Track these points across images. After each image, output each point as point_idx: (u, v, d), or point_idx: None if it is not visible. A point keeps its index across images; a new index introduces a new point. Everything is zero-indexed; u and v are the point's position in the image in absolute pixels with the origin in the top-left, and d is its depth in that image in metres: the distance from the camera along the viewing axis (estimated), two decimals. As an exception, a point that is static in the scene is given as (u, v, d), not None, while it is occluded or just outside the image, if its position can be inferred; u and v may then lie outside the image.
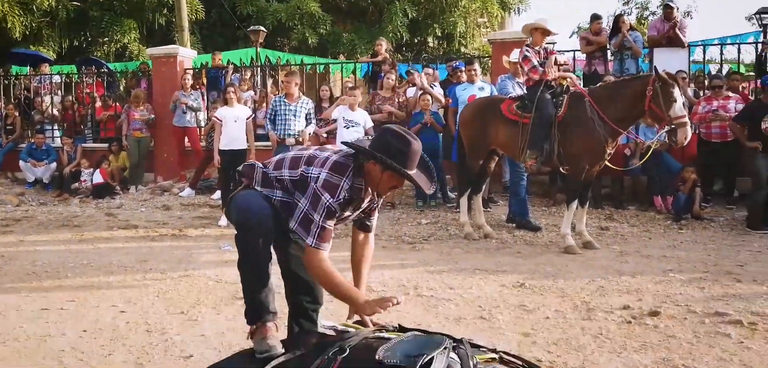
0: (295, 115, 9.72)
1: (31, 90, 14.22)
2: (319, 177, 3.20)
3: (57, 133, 13.38)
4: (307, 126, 9.88)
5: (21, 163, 12.13)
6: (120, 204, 10.87)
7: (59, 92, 13.98)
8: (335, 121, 10.77)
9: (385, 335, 3.07)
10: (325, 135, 11.06)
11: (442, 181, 10.40)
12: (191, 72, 13.02)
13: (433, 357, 2.73)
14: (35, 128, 13.22)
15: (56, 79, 14.34)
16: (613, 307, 5.53)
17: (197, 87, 12.85)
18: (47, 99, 13.56)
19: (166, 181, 12.05)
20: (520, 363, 3.07)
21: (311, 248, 3.19)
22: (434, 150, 10.01)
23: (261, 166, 3.46)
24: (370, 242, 3.70)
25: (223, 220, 9.26)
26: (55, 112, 13.42)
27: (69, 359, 4.50)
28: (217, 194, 10.87)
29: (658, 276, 6.38)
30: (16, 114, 13.29)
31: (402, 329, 3.23)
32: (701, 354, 4.51)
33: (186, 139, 12.31)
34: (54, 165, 12.19)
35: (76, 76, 14.68)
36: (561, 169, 7.84)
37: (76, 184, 12.03)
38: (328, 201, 3.15)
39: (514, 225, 8.95)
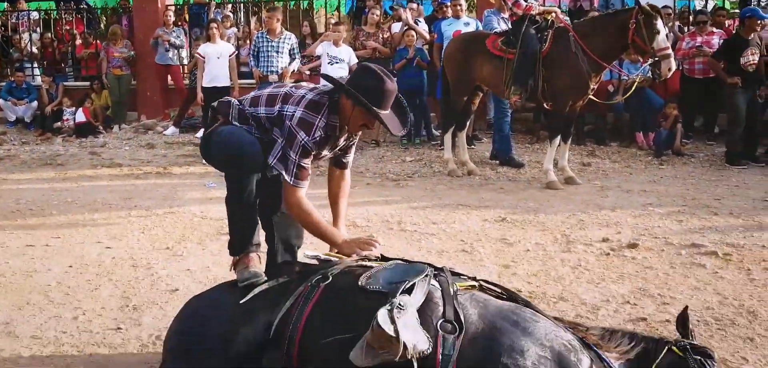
0: (278, 52, 9.64)
1: (8, 27, 13.94)
2: (294, 115, 3.14)
3: (37, 72, 13.15)
4: (290, 62, 9.81)
5: (1, 101, 11.96)
6: (103, 143, 10.78)
7: (38, 29, 13.70)
8: (319, 57, 10.69)
9: (368, 264, 3.12)
10: (308, 72, 10.97)
11: (427, 118, 10.41)
12: (173, 8, 12.80)
13: (414, 283, 2.79)
14: (14, 66, 12.98)
15: (34, 15, 14.02)
16: (593, 240, 5.64)
17: (179, 24, 12.64)
18: (26, 36, 13.28)
19: (149, 119, 11.94)
20: (500, 290, 3.14)
21: (289, 185, 3.17)
22: (419, 87, 10.00)
23: (237, 102, 3.39)
24: (347, 178, 3.65)
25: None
26: (35, 49, 13.16)
27: (55, 293, 4.55)
28: (201, 133, 10.82)
29: (638, 210, 6.49)
30: (-8, 53, 13.08)
31: (384, 259, 3.27)
32: (677, 284, 4.63)
33: (169, 77, 12.16)
34: (35, 103, 12.02)
35: (55, 12, 14.37)
36: (545, 104, 7.86)
37: (59, 123, 11.89)
38: (303, 139, 3.10)
39: (497, 162, 9.00)
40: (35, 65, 13.18)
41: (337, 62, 9.85)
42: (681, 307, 4.08)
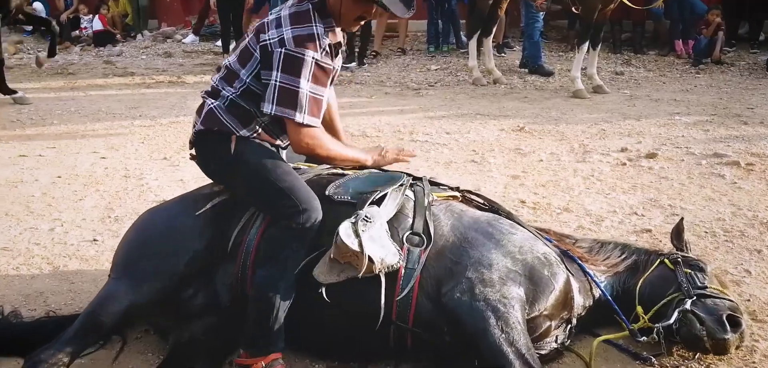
0: None
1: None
2: (284, 38, 2.45)
3: None
4: None
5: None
6: (120, 52, 10.68)
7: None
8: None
9: (340, 171, 2.97)
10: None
11: (456, 25, 10.08)
12: None
13: (385, 193, 2.65)
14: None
15: None
16: (611, 150, 5.41)
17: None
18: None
19: (169, 27, 11.84)
20: (482, 201, 2.98)
21: (301, 127, 2.50)
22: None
23: (219, 103, 2.61)
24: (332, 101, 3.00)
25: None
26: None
27: (37, 204, 4.39)
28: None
29: (663, 120, 6.20)
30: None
31: (362, 168, 3.08)
32: (691, 195, 4.41)
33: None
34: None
35: None
36: (573, 8, 7.49)
37: (77, 32, 11.89)
38: (312, 57, 2.45)
39: (526, 70, 8.71)
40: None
41: None
42: (691, 218, 3.95)
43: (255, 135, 2.58)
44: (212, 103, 2.60)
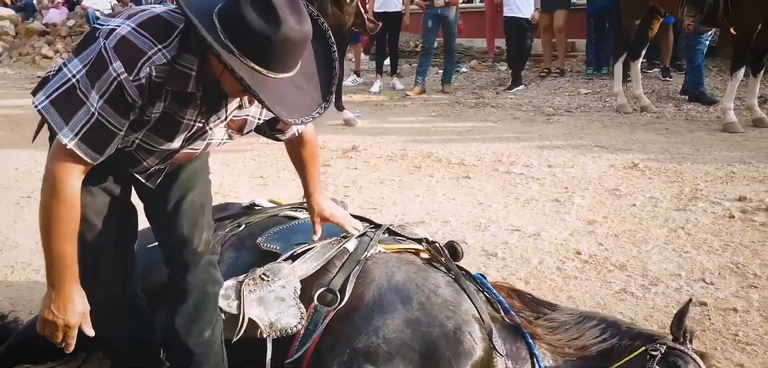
0: None
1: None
2: (115, 32, 1.79)
3: None
4: None
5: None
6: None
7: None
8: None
9: (296, 215, 2.85)
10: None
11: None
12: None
13: (311, 248, 2.50)
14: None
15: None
16: (726, 198, 4.64)
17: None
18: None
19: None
20: (443, 256, 2.68)
21: (61, 147, 1.78)
22: (608, 8, 8.85)
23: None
24: (308, 141, 2.39)
25: (376, 87, 9.32)
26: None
27: None
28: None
29: (819, 169, 5.18)
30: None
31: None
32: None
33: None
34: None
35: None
36: (729, 29, 6.55)
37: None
38: (117, 73, 1.75)
39: (686, 97, 7.79)
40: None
41: None
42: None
43: None
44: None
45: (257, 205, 3.01)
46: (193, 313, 2.21)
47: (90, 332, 1.93)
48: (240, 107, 2.05)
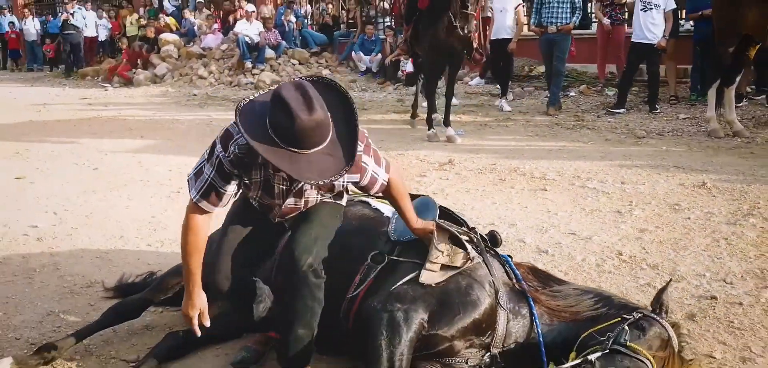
0: (559, 3, 9.76)
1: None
2: (226, 128, 2.73)
3: (385, 25, 14.97)
4: (573, 15, 9.82)
5: (353, 54, 14.33)
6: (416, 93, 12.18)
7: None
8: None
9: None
10: (607, 22, 10.74)
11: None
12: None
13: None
14: (367, 21, 15.09)
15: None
16: (780, 219, 5.02)
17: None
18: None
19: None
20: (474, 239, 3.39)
21: (191, 202, 2.77)
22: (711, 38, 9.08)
23: None
24: (392, 187, 3.01)
25: (505, 105, 10.09)
26: (386, 5, 15.20)
27: None
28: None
29: None
30: (357, 10, 15.51)
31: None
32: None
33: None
34: (379, 56, 14.11)
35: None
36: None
37: (400, 73, 13.75)
38: (219, 153, 2.68)
39: (786, 123, 7.97)
40: (387, 20, 15.23)
41: (650, 7, 9.29)
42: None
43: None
44: None
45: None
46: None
47: (206, 323, 2.90)
48: (279, 186, 2.86)
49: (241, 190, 2.89)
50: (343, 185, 2.95)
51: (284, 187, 2.87)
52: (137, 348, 3.43)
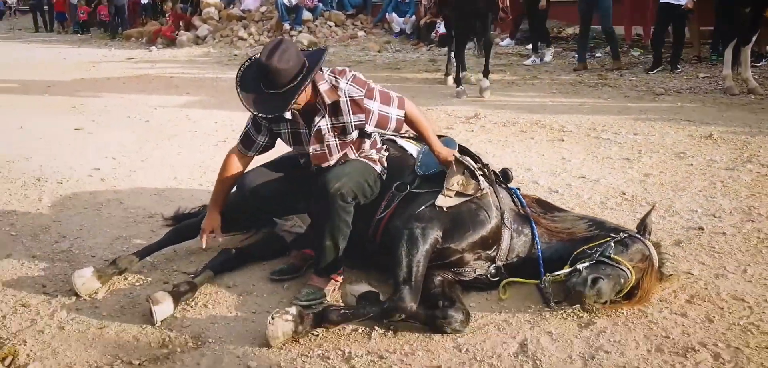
0: None
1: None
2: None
3: None
4: None
5: (387, 15, 14.78)
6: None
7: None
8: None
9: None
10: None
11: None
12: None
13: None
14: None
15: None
16: (775, 162, 5.43)
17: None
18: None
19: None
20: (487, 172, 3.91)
21: (235, 145, 3.64)
22: None
23: None
24: (411, 120, 3.62)
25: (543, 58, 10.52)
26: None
27: None
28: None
29: None
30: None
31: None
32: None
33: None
34: (413, 17, 14.53)
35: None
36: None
37: (434, 35, 14.15)
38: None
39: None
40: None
41: None
42: None
43: None
44: None
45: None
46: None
47: (219, 239, 3.73)
48: (326, 117, 3.42)
49: (275, 139, 3.60)
50: (353, 126, 3.47)
51: (305, 132, 3.46)
52: (195, 264, 3.99)
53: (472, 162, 3.76)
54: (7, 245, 4.33)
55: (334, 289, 3.57)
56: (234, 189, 3.76)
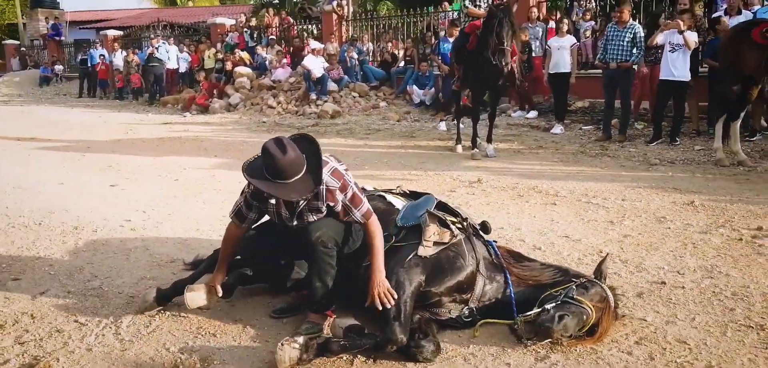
0: (621, 41, 10.66)
1: (431, 27, 17.58)
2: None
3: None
4: (636, 53, 10.70)
5: (408, 88, 15.54)
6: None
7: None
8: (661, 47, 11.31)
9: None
10: (646, 70, 11.47)
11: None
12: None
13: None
14: (424, 59, 16.29)
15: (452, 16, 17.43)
16: (748, 228, 5.86)
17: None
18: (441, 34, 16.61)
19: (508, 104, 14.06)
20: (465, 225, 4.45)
21: (230, 219, 4.15)
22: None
23: None
24: (367, 231, 4.02)
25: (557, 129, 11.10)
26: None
27: None
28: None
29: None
30: (414, 49, 16.77)
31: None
32: (761, 276, 4.92)
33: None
34: (433, 89, 15.25)
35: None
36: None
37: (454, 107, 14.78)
38: (245, 189, 4.07)
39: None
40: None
41: (677, 49, 10.15)
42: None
43: None
44: None
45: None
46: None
47: (219, 293, 4.13)
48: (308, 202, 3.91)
49: (262, 218, 4.16)
50: (325, 209, 3.96)
51: (287, 214, 4.00)
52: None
53: (447, 214, 4.33)
54: (46, 282, 4.98)
55: (328, 324, 4.10)
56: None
